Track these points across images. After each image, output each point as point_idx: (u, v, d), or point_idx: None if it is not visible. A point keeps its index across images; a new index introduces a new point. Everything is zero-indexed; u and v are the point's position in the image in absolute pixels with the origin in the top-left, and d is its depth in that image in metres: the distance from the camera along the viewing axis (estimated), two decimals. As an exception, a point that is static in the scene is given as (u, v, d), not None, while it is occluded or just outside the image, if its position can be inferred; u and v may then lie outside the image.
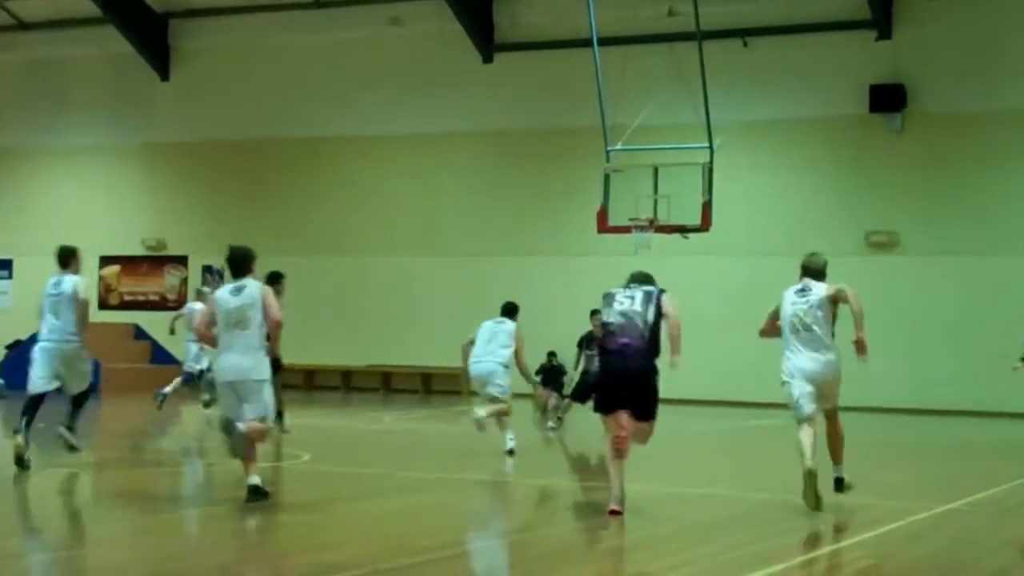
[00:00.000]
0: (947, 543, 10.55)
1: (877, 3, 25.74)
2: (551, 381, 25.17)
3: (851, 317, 11.60)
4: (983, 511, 12.16)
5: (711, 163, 21.96)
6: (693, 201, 22.01)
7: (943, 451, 19.32)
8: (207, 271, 31.24)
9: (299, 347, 24.20)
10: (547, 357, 26.55)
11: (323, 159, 30.17)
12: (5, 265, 33.31)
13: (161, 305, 31.46)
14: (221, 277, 30.78)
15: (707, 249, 24.41)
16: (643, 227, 22.32)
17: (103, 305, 31.50)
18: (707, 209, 21.90)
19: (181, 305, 31.01)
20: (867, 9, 25.88)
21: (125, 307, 31.95)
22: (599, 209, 22.65)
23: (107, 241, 31.61)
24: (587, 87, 23.65)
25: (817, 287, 11.73)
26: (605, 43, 23.43)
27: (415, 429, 20.85)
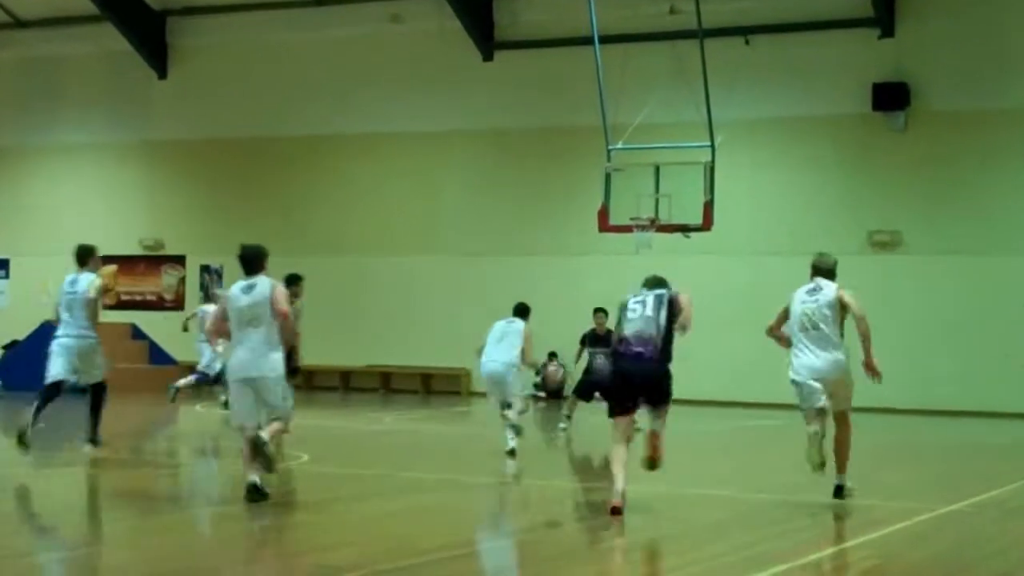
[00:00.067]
0: (951, 544, 10.55)
1: (880, 1, 25.63)
2: (549, 392, 25.13)
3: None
4: (987, 512, 12.17)
5: (713, 162, 21.93)
6: (695, 200, 21.97)
7: (946, 452, 19.29)
8: (205, 271, 31.18)
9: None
10: (548, 357, 26.46)
11: (322, 158, 30.07)
12: (2, 265, 33.18)
13: (159, 305, 31.37)
14: (220, 277, 30.82)
15: (709, 248, 24.32)
16: (644, 226, 22.28)
17: (101, 305, 31.39)
18: (709, 208, 21.86)
19: (180, 305, 31.25)
20: (870, 7, 25.78)
21: (122, 307, 31.77)
22: (600, 208, 22.59)
23: (104, 240, 30.83)
24: (588, 85, 23.59)
25: (828, 287, 11.76)
26: (606, 41, 23.38)
27: (415, 430, 20.81)
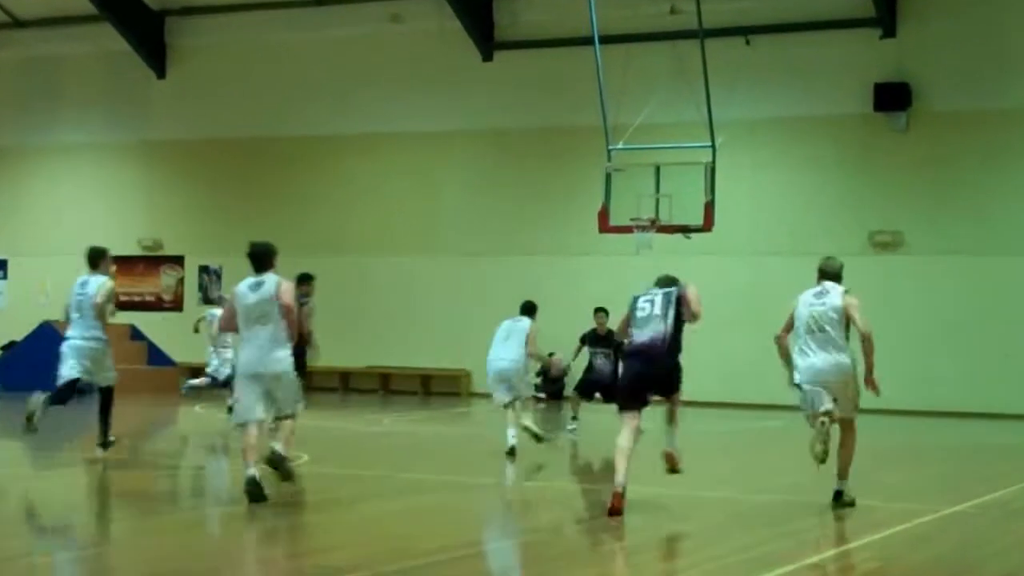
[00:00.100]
0: (953, 546, 10.54)
1: (882, 1, 25.55)
2: (551, 382, 24.99)
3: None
4: (989, 513, 12.14)
5: (713, 162, 21.89)
6: (695, 200, 21.93)
7: (947, 453, 19.22)
8: (204, 272, 31.12)
9: (297, 348, 23.99)
10: (539, 368, 26.33)
11: (322, 158, 29.98)
12: (0, 265, 33.09)
13: (157, 306, 31.28)
14: (219, 278, 30.74)
15: (709, 249, 24.22)
16: (645, 227, 22.24)
17: (98, 305, 31.32)
18: (709, 209, 21.81)
19: (179, 306, 31.15)
20: (871, 7, 25.69)
21: (121, 307, 31.37)
22: (600, 209, 22.53)
23: (102, 241, 30.65)
24: (588, 85, 23.52)
25: (835, 290, 11.84)
26: (606, 41, 23.30)
27: (414, 431, 20.76)
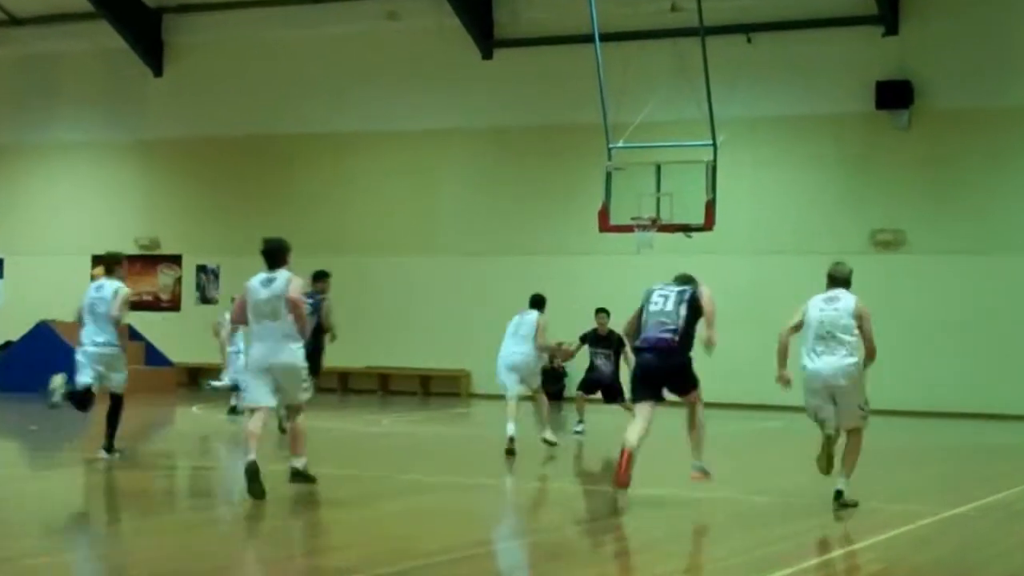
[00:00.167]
0: (955, 548, 10.51)
1: (884, -2, 25.55)
2: (551, 383, 24.88)
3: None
4: (991, 515, 12.12)
5: (715, 161, 21.78)
6: (696, 199, 21.82)
7: (949, 454, 19.16)
8: (202, 271, 31.02)
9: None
10: (547, 359, 26.23)
11: (320, 156, 29.87)
12: (-4, 264, 32.95)
13: (155, 305, 31.13)
14: (216, 277, 30.65)
15: (710, 248, 24.06)
16: (645, 226, 22.14)
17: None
18: (710, 207, 21.71)
19: (176, 306, 31.04)
20: (874, 4, 25.59)
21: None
22: (601, 208, 22.42)
23: (99, 240, 31.13)
24: (588, 83, 23.40)
25: (847, 297, 11.93)
26: (607, 39, 23.18)
27: (414, 431, 20.72)
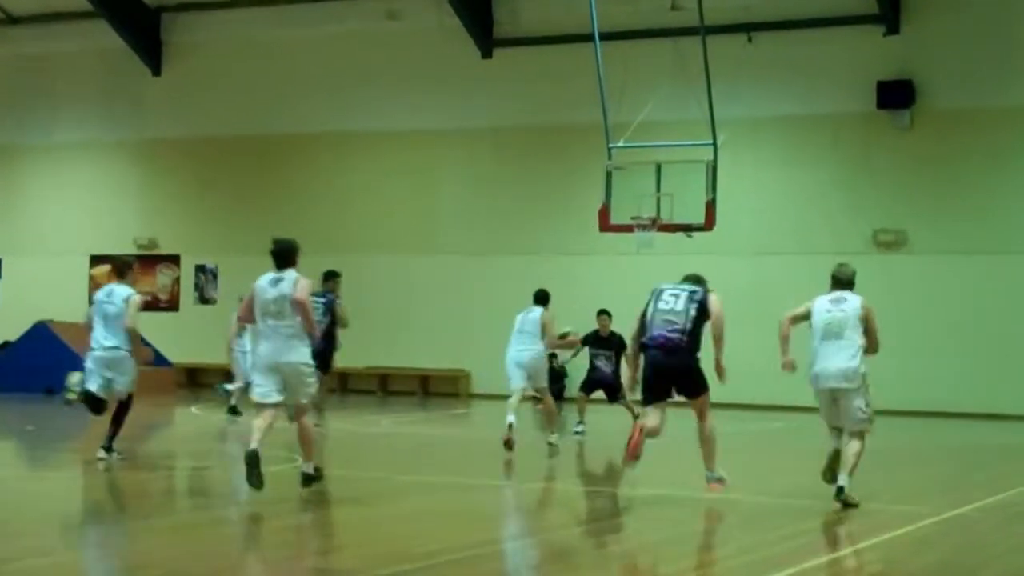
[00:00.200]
0: (956, 549, 10.47)
1: (885, -3, 25.52)
2: (551, 382, 24.79)
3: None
4: (992, 516, 12.09)
5: (715, 160, 21.71)
6: (697, 199, 21.76)
7: (950, 454, 19.13)
8: (200, 271, 30.98)
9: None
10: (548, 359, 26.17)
11: (318, 156, 29.85)
12: (-6, 264, 32.88)
13: (153, 305, 30.97)
14: (215, 277, 30.61)
15: (711, 248, 23.98)
16: (646, 226, 22.08)
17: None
18: (711, 207, 21.65)
19: (174, 306, 30.99)
20: (875, 4, 25.58)
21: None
22: (601, 207, 22.35)
23: (98, 240, 31.35)
24: (588, 83, 23.32)
25: (852, 298, 12.09)
26: (607, 38, 23.10)
27: (413, 432, 20.69)
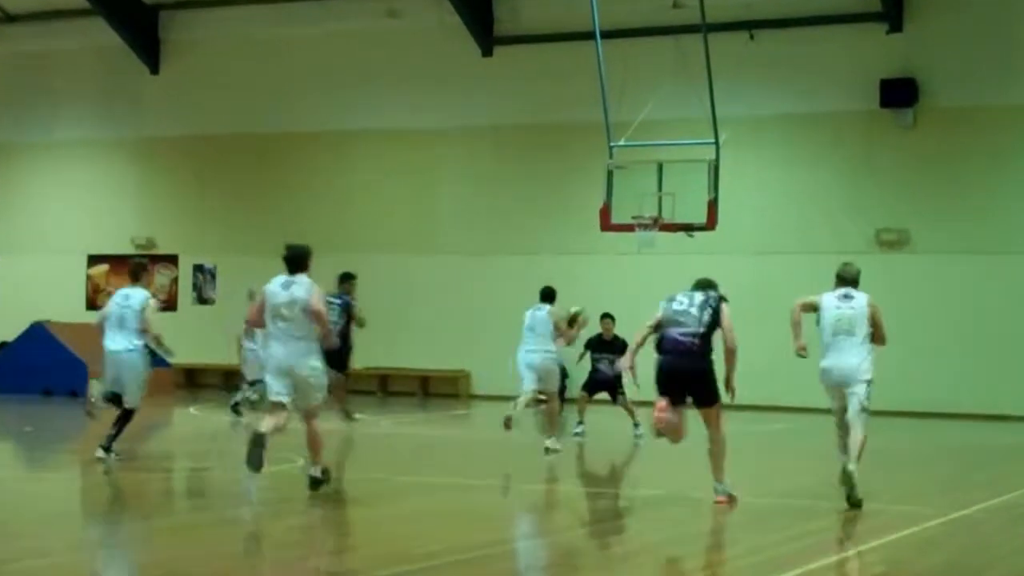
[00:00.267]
0: (962, 550, 10.46)
1: (888, -5, 25.43)
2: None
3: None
4: (996, 517, 12.09)
5: (717, 159, 21.70)
6: (698, 198, 21.75)
7: (953, 455, 19.11)
8: (198, 271, 30.93)
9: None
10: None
11: (318, 154, 29.78)
12: (-9, 263, 32.76)
13: (152, 305, 30.95)
14: (213, 277, 30.54)
15: (713, 248, 23.92)
16: (647, 225, 22.10)
17: (91, 306, 30.95)
18: (713, 207, 21.64)
19: (172, 306, 30.93)
20: (878, 1, 25.49)
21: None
22: (602, 207, 22.34)
23: (95, 239, 31.33)
24: (589, 81, 23.26)
25: (859, 296, 12.28)
26: (608, 36, 23.02)
27: (413, 433, 20.67)
